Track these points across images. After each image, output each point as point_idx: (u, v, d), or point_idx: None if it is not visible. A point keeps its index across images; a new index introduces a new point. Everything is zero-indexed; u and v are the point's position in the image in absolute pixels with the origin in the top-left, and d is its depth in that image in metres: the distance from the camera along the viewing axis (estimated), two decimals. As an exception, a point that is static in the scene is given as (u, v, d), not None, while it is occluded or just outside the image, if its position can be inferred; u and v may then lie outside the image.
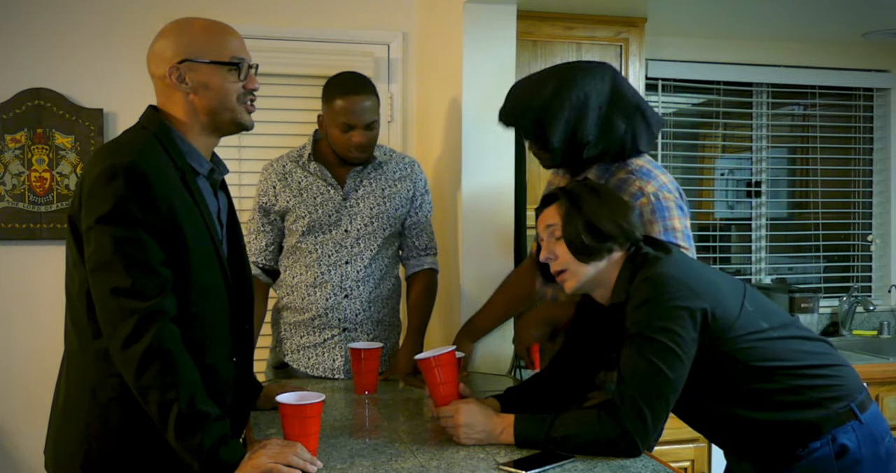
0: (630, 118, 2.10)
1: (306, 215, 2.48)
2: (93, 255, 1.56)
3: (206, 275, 1.66)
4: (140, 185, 1.54)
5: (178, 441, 1.53)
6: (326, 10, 3.29)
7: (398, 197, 2.55)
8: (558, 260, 1.85)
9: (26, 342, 3.09)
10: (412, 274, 2.63)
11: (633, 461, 1.72)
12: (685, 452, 3.03)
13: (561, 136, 2.08)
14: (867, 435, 1.78)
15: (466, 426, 1.81)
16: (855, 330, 4.00)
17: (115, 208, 1.53)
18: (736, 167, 4.08)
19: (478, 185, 2.71)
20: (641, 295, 1.75)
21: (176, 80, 1.68)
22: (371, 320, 2.54)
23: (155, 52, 1.71)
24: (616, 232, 1.82)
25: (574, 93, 2.07)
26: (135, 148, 1.61)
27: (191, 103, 1.70)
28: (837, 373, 1.81)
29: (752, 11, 3.35)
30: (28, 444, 3.08)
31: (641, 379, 1.72)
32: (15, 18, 3.05)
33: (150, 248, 1.55)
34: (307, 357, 2.54)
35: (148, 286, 1.54)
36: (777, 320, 1.82)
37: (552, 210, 1.88)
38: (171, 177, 1.62)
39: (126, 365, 1.54)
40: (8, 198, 3.05)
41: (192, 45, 1.69)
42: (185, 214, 1.61)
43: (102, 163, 1.57)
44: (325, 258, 2.50)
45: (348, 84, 2.47)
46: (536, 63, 3.20)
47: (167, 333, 1.54)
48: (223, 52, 1.71)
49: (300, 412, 1.68)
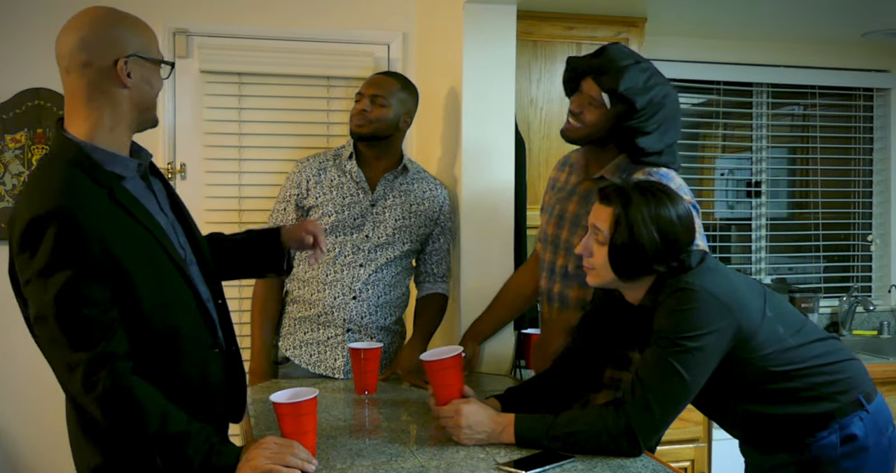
0: (678, 134, 2.19)
1: (332, 214, 2.51)
2: (32, 310, 1.55)
3: (161, 289, 1.62)
4: (69, 231, 1.49)
5: (166, 465, 1.55)
6: (327, 10, 3.28)
7: (424, 215, 2.59)
8: (593, 258, 1.85)
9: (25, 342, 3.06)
10: (426, 296, 2.66)
11: (633, 461, 1.72)
12: (685, 452, 3.03)
13: (645, 105, 2.10)
14: (873, 425, 1.83)
15: (467, 426, 1.81)
16: (855, 330, 4.00)
17: (47, 262, 1.49)
18: (736, 167, 4.08)
19: (478, 185, 2.71)
20: (675, 303, 1.75)
21: (123, 74, 1.61)
22: (375, 325, 2.55)
23: (93, 39, 1.60)
24: (662, 265, 1.79)
25: (666, 87, 2.15)
26: (56, 187, 1.53)
27: (126, 99, 1.63)
28: (847, 368, 1.87)
29: (752, 11, 3.35)
30: (28, 444, 3.08)
31: (657, 378, 1.73)
32: (15, 18, 3.05)
33: (89, 295, 1.51)
34: (309, 353, 2.54)
35: (89, 336, 1.51)
36: (793, 323, 1.86)
37: (606, 213, 1.82)
38: (98, 204, 1.56)
39: (90, 410, 1.55)
40: (8, 198, 3.05)
41: (140, 41, 1.64)
42: (121, 239, 1.56)
43: (27, 213, 1.50)
44: (340, 258, 2.52)
45: (382, 71, 2.71)
46: (536, 63, 3.20)
47: (118, 374, 1.52)
48: (158, 50, 1.70)
49: (295, 410, 1.68)
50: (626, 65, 2.12)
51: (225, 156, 3.22)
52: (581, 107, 2.17)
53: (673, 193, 1.84)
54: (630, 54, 2.17)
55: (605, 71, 2.12)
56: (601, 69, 2.13)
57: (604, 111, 2.14)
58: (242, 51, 3.17)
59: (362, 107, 2.53)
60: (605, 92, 2.12)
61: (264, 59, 3.19)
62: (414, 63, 3.34)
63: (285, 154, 3.19)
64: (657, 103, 2.11)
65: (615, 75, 2.10)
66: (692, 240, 1.83)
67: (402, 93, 2.57)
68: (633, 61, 2.14)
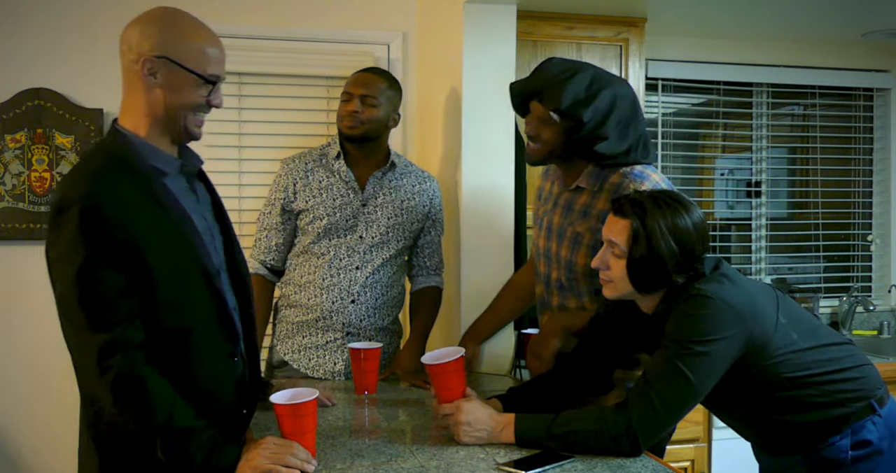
0: (636, 133, 2.16)
1: (324, 217, 2.49)
2: (55, 290, 1.57)
3: (181, 287, 1.62)
4: (91, 216, 1.51)
5: (167, 459, 1.55)
6: (326, 10, 3.28)
7: (415, 210, 2.57)
8: (610, 272, 1.84)
9: (26, 342, 3.09)
10: (419, 289, 2.65)
11: (633, 461, 1.72)
12: (685, 452, 3.03)
13: (591, 116, 2.09)
14: (886, 429, 1.83)
15: (467, 424, 1.81)
16: (855, 330, 4.00)
17: (71, 243, 1.51)
18: (736, 167, 4.08)
19: (478, 185, 2.71)
20: (688, 308, 1.75)
21: (146, 72, 1.63)
22: (374, 326, 2.54)
23: (133, 34, 1.64)
24: (681, 275, 1.78)
25: (612, 89, 2.12)
26: (87, 174, 1.59)
27: (161, 101, 1.65)
28: (860, 374, 1.86)
29: (752, 11, 3.35)
30: (28, 444, 3.08)
31: (663, 379, 1.73)
32: (15, 18, 3.05)
33: (108, 281, 1.52)
34: (308, 357, 2.54)
35: (107, 320, 1.52)
36: (805, 328, 1.85)
37: (622, 225, 1.80)
38: (130, 195, 1.57)
39: (99, 396, 1.56)
40: (8, 198, 3.05)
41: (176, 45, 1.63)
42: (148, 232, 1.56)
43: (58, 195, 1.56)
44: (336, 261, 2.50)
45: (365, 68, 2.62)
46: (536, 63, 3.17)
47: (131, 361, 1.53)
48: (204, 64, 1.66)
49: (294, 411, 1.68)
50: (562, 79, 2.11)
51: (225, 156, 3.22)
52: (534, 128, 2.18)
53: (685, 200, 1.83)
54: (566, 67, 2.16)
55: (544, 90, 2.13)
56: (540, 90, 2.13)
57: (557, 127, 2.14)
58: (242, 51, 3.16)
59: (353, 108, 2.49)
60: (551, 112, 2.12)
61: (264, 59, 3.18)
62: (414, 63, 3.34)
63: (285, 154, 3.17)
64: (605, 109, 2.10)
65: (555, 93, 2.10)
66: (708, 248, 1.83)
67: (389, 91, 2.55)
68: (570, 73, 2.12)
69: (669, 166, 3.90)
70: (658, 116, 3.85)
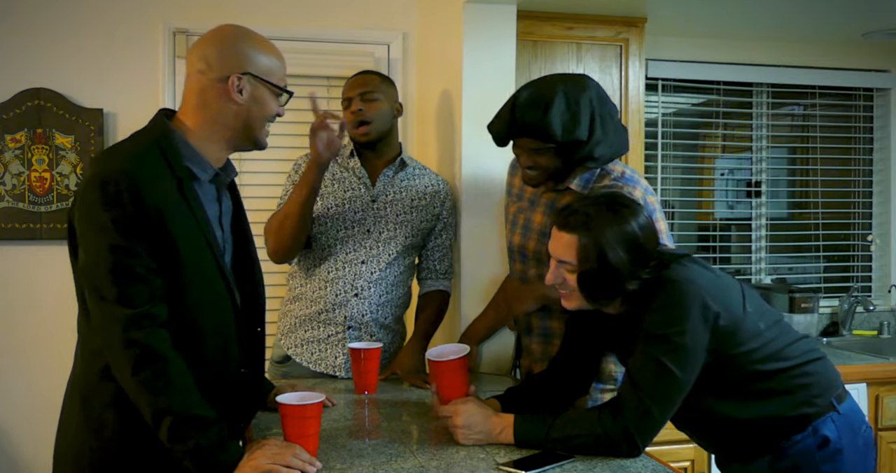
0: (615, 121, 2.16)
1: (333, 208, 2.51)
2: (84, 262, 1.58)
3: (201, 285, 1.64)
4: (130, 193, 1.53)
5: (172, 445, 1.54)
6: (327, 10, 3.29)
7: (426, 210, 2.58)
8: (566, 284, 1.83)
9: (27, 342, 3.09)
10: (427, 292, 2.65)
11: (633, 461, 1.72)
12: (685, 452, 3.03)
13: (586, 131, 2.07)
14: (846, 425, 1.82)
15: (464, 426, 1.81)
16: (855, 330, 4.00)
17: (105, 216, 1.53)
18: (736, 167, 4.08)
19: (478, 185, 2.71)
20: (663, 298, 1.74)
21: (234, 89, 1.67)
22: (376, 323, 2.54)
23: (211, 54, 1.69)
24: (635, 281, 1.77)
25: (584, 93, 2.10)
26: (130, 153, 1.62)
27: (233, 114, 1.70)
28: (821, 369, 1.86)
29: (752, 11, 3.35)
30: (28, 444, 3.08)
31: (650, 379, 1.73)
32: (15, 18, 3.05)
33: (139, 256, 1.55)
34: (310, 351, 2.54)
35: (135, 294, 1.54)
36: (770, 319, 1.85)
37: (568, 241, 1.78)
38: (165, 184, 1.60)
39: (118, 370, 1.56)
40: (8, 198, 3.05)
41: (258, 61, 1.70)
42: (178, 223, 1.60)
43: (96, 169, 1.58)
44: (342, 254, 2.51)
45: (359, 72, 2.64)
46: (536, 63, 3.20)
47: (157, 338, 1.55)
48: (281, 77, 1.75)
49: (299, 412, 1.69)
50: (542, 115, 2.05)
51: (225, 156, 3.22)
52: (530, 159, 2.16)
53: (629, 201, 1.82)
54: (537, 97, 2.09)
55: (532, 129, 2.08)
56: (527, 129, 2.09)
57: (553, 151, 2.11)
58: (242, 51, 3.17)
59: (357, 107, 2.51)
60: (549, 144, 2.09)
61: (264, 59, 3.18)
62: (414, 63, 3.34)
63: (285, 154, 3.18)
64: (590, 116, 2.09)
65: (546, 129, 2.06)
66: (657, 244, 1.82)
67: (383, 84, 2.58)
68: (546, 104, 2.06)
69: (669, 166, 3.90)
70: (658, 116, 3.86)
